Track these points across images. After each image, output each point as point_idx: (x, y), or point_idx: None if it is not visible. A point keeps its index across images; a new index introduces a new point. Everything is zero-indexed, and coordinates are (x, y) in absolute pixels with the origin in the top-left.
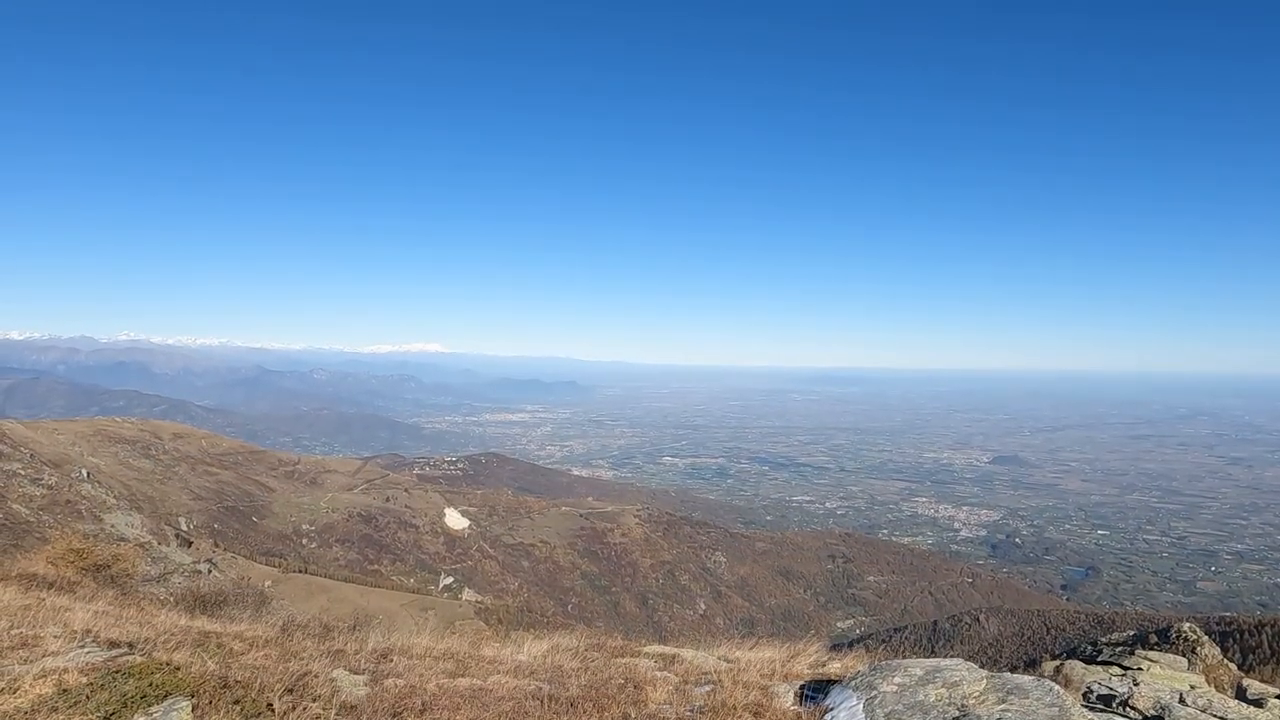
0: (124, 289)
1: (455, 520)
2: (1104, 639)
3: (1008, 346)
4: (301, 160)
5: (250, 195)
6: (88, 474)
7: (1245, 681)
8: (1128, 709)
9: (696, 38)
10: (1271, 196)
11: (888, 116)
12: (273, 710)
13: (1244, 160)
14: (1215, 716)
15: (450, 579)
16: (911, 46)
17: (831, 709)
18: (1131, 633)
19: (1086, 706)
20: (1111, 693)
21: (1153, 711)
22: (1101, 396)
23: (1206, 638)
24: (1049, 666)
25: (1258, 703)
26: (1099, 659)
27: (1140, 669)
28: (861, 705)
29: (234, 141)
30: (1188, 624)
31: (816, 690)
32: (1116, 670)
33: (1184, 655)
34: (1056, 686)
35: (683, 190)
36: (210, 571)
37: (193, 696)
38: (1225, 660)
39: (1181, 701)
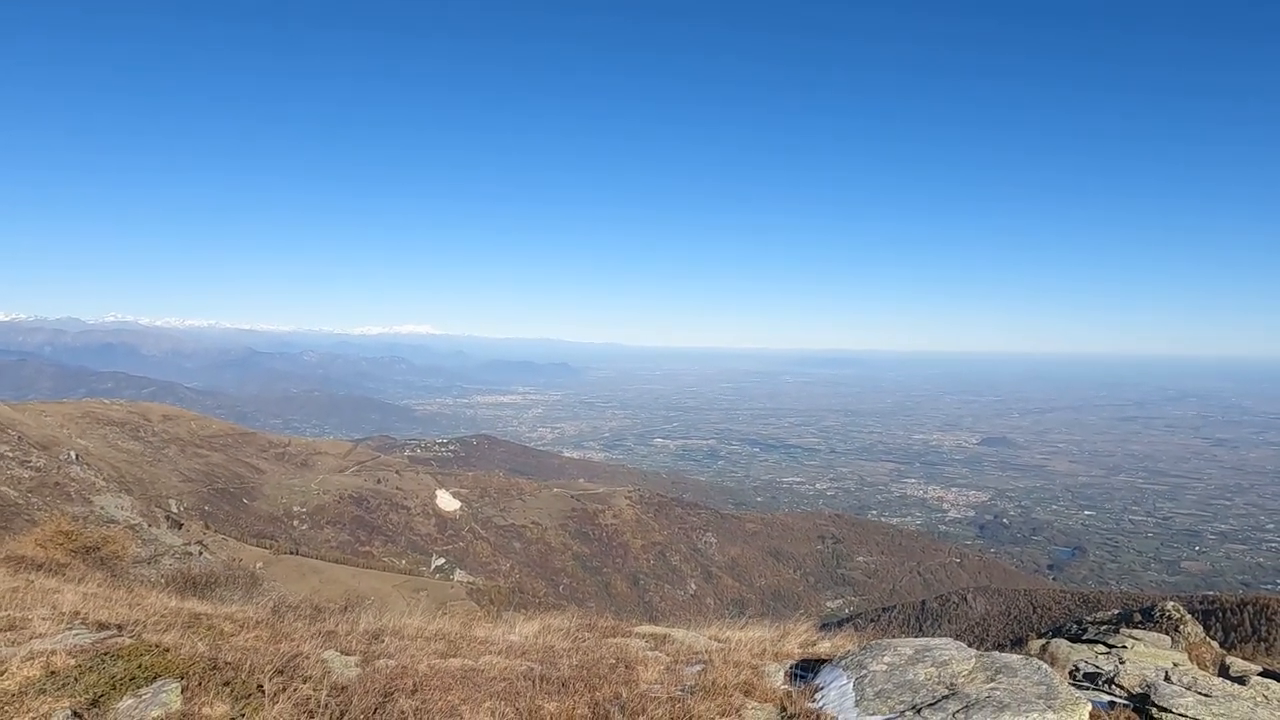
0: (111, 270)
1: (447, 502)
2: (1090, 618)
3: (998, 329)
4: (291, 142)
5: (239, 176)
6: (76, 456)
7: (1228, 659)
8: (1113, 687)
9: (694, 30)
10: (1261, 181)
11: (874, 97)
12: (263, 691)
13: (1234, 143)
14: (1199, 694)
15: (442, 560)
16: (904, 30)
17: (822, 688)
18: (1116, 612)
19: (1073, 684)
20: (1097, 671)
21: (1138, 689)
22: (1091, 379)
23: (1190, 616)
24: (1035, 645)
25: (1240, 680)
26: (1085, 638)
27: (1125, 647)
28: (851, 684)
29: (221, 123)
30: (1171, 603)
31: (807, 669)
32: (1102, 649)
33: (1168, 634)
34: (1044, 665)
35: (675, 172)
36: (201, 553)
37: (182, 678)
38: (1208, 639)
39: (1166, 679)
